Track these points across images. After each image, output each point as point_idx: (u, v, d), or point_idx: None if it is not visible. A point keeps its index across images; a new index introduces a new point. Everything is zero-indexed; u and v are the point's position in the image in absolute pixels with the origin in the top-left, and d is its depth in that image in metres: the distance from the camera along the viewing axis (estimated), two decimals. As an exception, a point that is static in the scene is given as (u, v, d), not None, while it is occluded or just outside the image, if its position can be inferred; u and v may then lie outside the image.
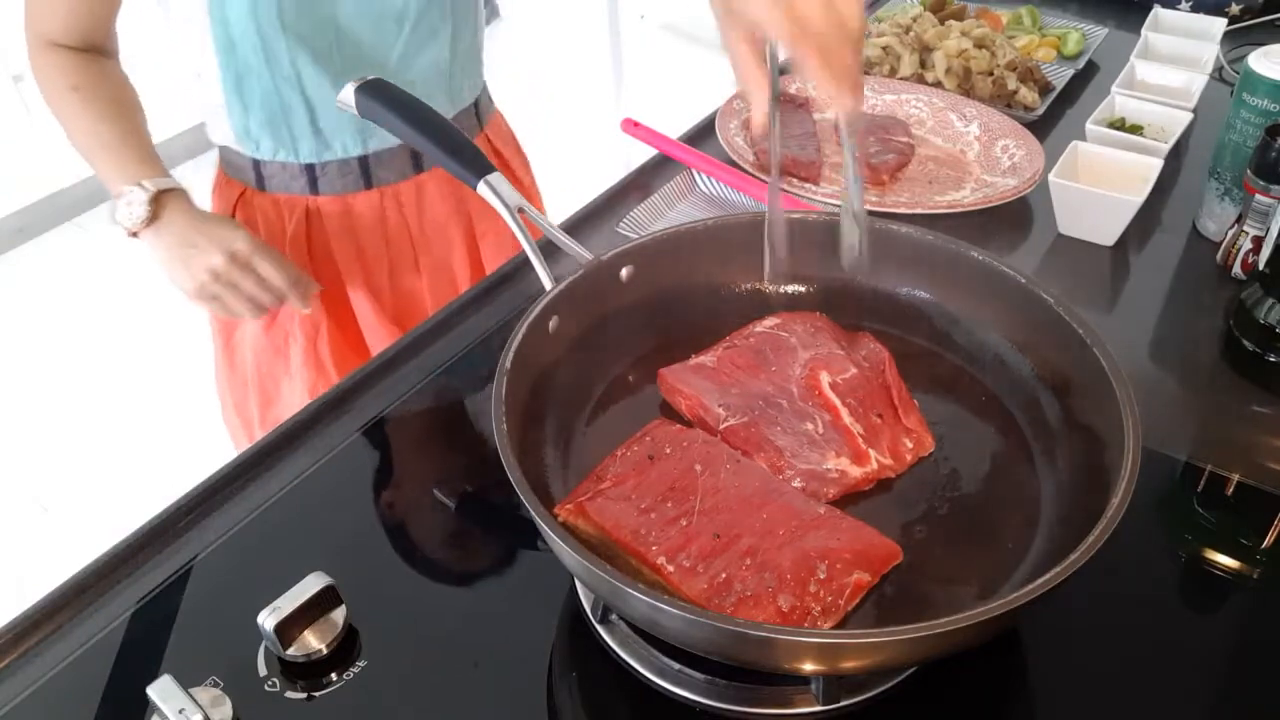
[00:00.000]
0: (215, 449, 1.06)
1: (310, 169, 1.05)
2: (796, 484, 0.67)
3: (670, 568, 0.59)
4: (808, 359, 0.74)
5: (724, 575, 0.59)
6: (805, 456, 0.68)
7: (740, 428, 0.70)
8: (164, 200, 0.96)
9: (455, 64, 1.07)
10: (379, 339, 1.13)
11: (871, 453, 0.68)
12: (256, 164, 1.06)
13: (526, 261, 0.74)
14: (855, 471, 0.68)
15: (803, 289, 0.82)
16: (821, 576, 0.59)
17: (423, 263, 1.14)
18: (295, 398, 1.13)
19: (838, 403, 0.71)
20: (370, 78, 0.80)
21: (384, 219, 1.10)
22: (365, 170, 1.07)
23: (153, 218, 0.95)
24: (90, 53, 0.98)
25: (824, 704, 0.59)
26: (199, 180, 1.12)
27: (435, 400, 0.85)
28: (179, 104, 1.06)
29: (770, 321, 0.78)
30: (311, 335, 1.11)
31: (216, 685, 0.60)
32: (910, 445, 0.70)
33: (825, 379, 0.72)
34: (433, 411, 0.85)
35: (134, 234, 0.96)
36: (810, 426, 0.70)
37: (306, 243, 1.09)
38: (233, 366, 1.17)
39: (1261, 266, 0.85)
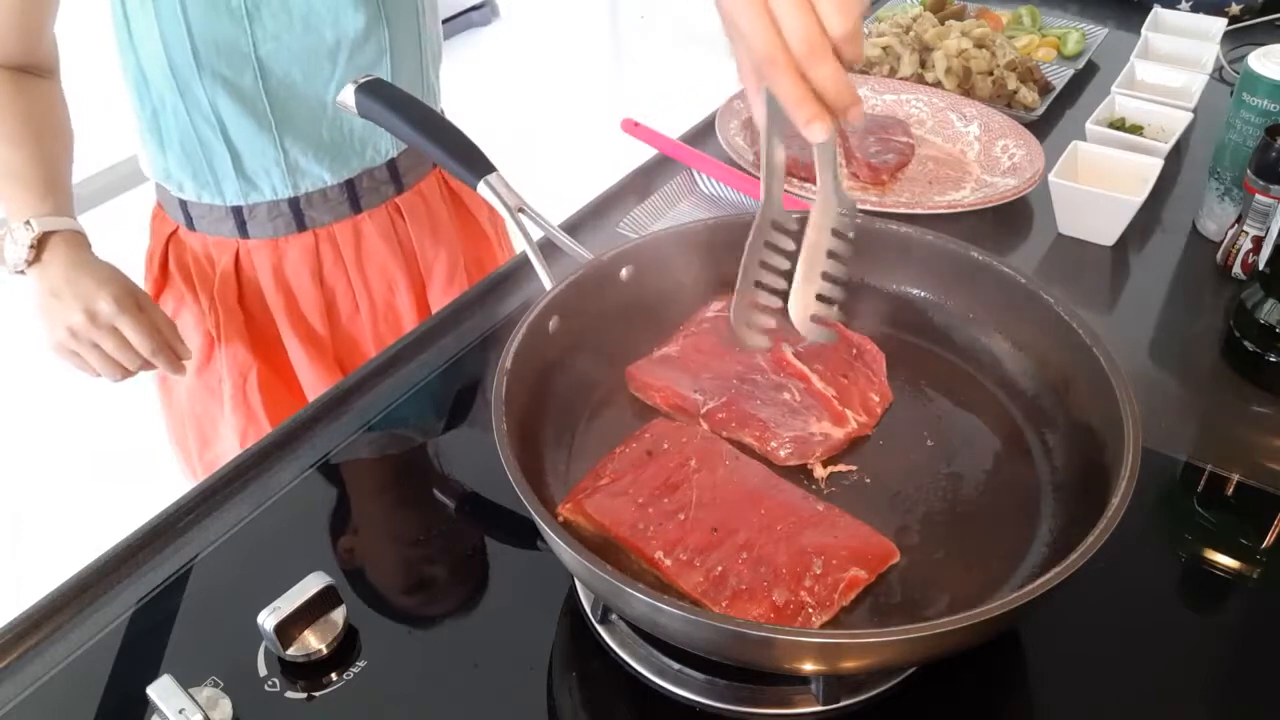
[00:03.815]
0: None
1: (238, 211, 1.01)
2: (786, 451, 0.69)
3: (667, 561, 0.59)
4: None
5: (720, 569, 0.59)
6: (789, 425, 0.70)
7: (721, 408, 0.71)
8: (49, 242, 0.90)
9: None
10: (315, 382, 1.08)
11: (848, 412, 0.71)
12: (184, 204, 1.02)
13: (526, 261, 0.74)
14: (838, 433, 0.70)
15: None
16: (817, 572, 0.59)
17: (363, 304, 1.10)
18: (231, 440, 1.09)
19: (806, 370, 0.73)
20: (369, 77, 0.80)
21: (319, 262, 1.06)
22: (296, 212, 1.02)
23: (35, 259, 0.90)
24: (15, 71, 0.93)
25: (824, 704, 0.59)
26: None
27: (435, 401, 0.85)
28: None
29: (717, 305, 0.79)
30: (239, 381, 1.07)
31: (216, 685, 0.60)
32: (876, 399, 0.73)
33: (788, 349, 0.75)
34: (433, 412, 0.85)
35: (21, 273, 0.91)
36: (788, 396, 0.72)
37: (237, 286, 1.05)
38: (170, 404, 1.14)
39: (1261, 266, 0.85)
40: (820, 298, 0.63)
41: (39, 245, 0.90)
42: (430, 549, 0.72)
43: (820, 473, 0.68)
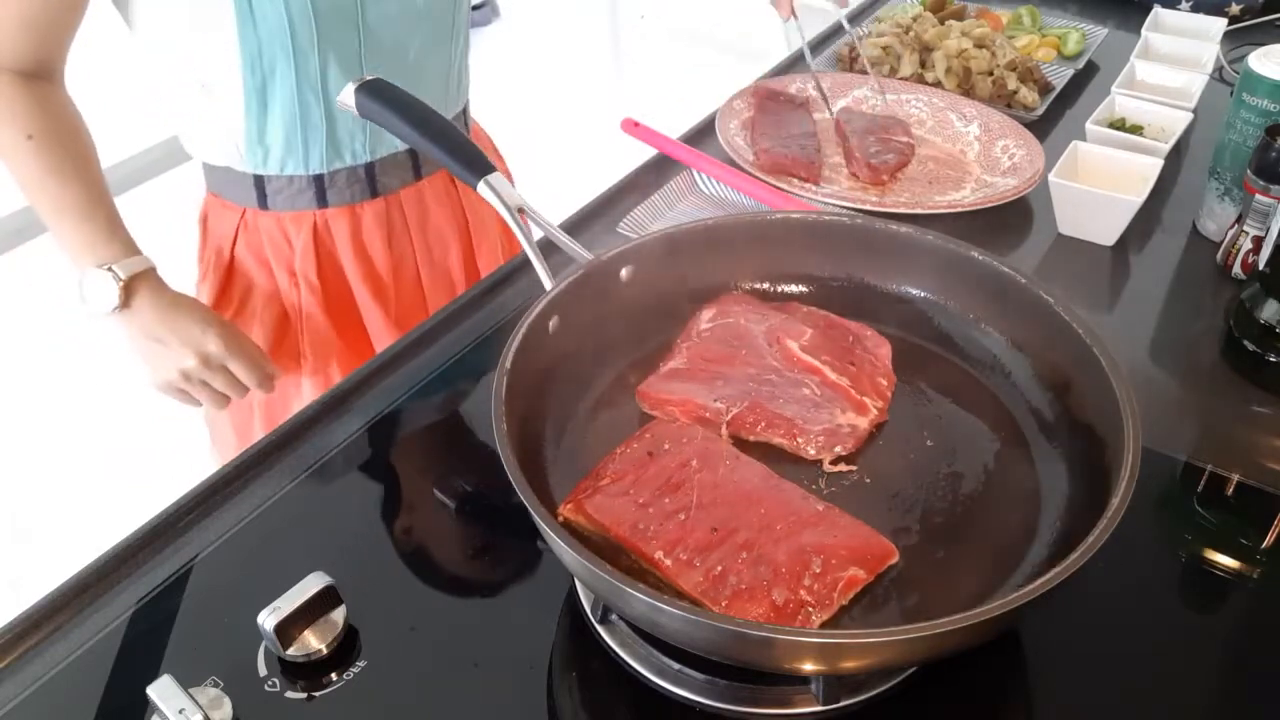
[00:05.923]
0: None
1: (319, 180, 1.02)
2: (812, 451, 0.69)
3: (667, 561, 0.59)
4: (764, 332, 0.76)
5: (720, 568, 0.59)
6: (816, 419, 0.70)
7: (746, 413, 0.70)
8: (134, 286, 0.92)
9: (457, 64, 1.07)
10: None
11: (866, 400, 0.71)
12: (260, 181, 1.02)
13: (526, 261, 0.74)
14: (862, 423, 0.70)
15: (804, 289, 0.82)
16: (816, 571, 0.59)
17: (424, 269, 1.13)
18: None
19: (816, 363, 0.74)
20: (369, 78, 0.79)
21: (389, 228, 1.08)
22: (371, 178, 1.05)
23: (123, 305, 0.92)
24: (41, 81, 0.92)
25: (824, 704, 0.59)
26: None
27: (435, 400, 0.85)
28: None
29: (709, 313, 0.78)
30: (324, 360, 1.09)
31: (216, 685, 0.60)
32: (885, 383, 0.73)
33: (794, 345, 0.75)
34: (433, 412, 0.85)
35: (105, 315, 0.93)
36: (807, 391, 0.72)
37: (315, 260, 1.06)
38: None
39: (1261, 266, 0.85)
40: None
41: (125, 291, 0.92)
42: (430, 548, 0.72)
43: (829, 466, 0.68)
